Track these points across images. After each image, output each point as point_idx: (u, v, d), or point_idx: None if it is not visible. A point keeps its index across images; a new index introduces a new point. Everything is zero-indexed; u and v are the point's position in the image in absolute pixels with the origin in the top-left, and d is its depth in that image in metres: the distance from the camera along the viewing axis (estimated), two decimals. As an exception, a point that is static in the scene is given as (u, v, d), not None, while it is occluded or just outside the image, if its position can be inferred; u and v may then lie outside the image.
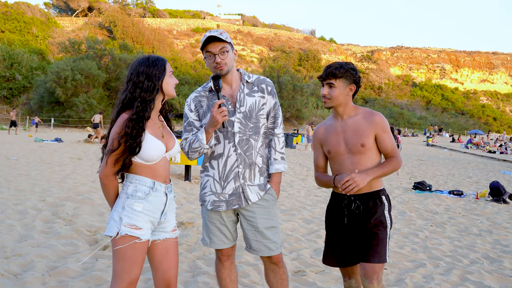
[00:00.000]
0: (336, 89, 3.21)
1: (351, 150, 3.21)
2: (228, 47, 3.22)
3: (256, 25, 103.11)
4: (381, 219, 3.17)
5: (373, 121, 3.20)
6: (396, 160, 3.20)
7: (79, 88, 43.78)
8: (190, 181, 11.18)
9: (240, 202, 3.26)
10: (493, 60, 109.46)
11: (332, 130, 3.32)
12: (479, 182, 14.98)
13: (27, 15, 67.57)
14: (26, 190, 8.78)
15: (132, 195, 2.75)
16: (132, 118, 2.71)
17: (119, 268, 2.71)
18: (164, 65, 2.84)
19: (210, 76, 3.33)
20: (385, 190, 3.30)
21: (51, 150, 18.75)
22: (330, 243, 3.37)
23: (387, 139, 3.22)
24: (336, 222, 3.31)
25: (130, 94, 2.77)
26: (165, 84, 2.84)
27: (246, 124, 3.26)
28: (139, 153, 2.73)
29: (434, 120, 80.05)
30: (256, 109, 3.30)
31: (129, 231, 2.69)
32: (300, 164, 18.36)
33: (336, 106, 3.27)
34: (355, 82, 3.24)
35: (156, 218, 2.82)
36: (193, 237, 6.00)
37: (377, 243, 3.13)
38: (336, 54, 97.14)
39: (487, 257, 6.04)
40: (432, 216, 8.65)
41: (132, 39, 69.36)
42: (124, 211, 2.73)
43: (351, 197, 3.22)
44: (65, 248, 5.28)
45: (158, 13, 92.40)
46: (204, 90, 3.36)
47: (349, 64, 3.26)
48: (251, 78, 3.37)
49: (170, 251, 2.92)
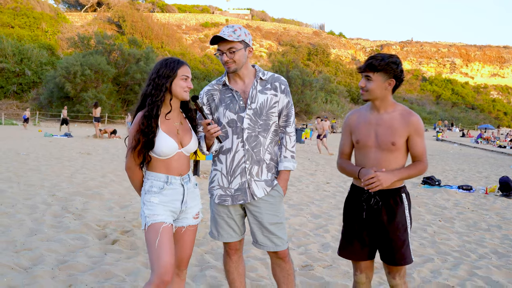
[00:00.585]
0: (373, 83, 3.11)
1: (380, 146, 3.15)
2: (238, 47, 3.22)
3: (265, 19, 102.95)
4: (402, 221, 3.14)
5: (410, 121, 3.12)
6: (423, 165, 3.15)
7: (89, 83, 43.99)
8: (199, 175, 11.21)
9: (245, 198, 3.28)
10: (504, 54, 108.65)
11: (365, 120, 3.24)
12: (489, 177, 14.90)
13: (36, 11, 67.83)
14: (36, 185, 8.85)
15: (149, 190, 3.00)
16: (145, 115, 2.93)
17: (156, 255, 2.86)
18: (177, 67, 3.00)
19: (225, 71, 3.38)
20: (405, 188, 3.25)
21: (60, 145, 18.85)
22: (347, 235, 3.34)
23: (419, 142, 3.14)
24: (354, 216, 3.28)
25: (146, 90, 3.02)
26: (174, 85, 3.00)
27: (255, 121, 3.27)
28: (153, 148, 2.95)
29: (444, 115, 79.73)
30: (267, 107, 3.30)
31: (153, 220, 2.92)
32: (309, 158, 18.35)
33: (373, 100, 3.18)
34: (395, 77, 3.12)
35: (177, 207, 3.04)
36: (201, 231, 6.03)
37: (401, 246, 3.13)
38: (346, 48, 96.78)
39: (496, 252, 6.02)
40: (441, 211, 8.62)
41: (141, 34, 69.53)
42: (145, 206, 2.99)
43: (371, 192, 3.17)
44: (75, 242, 5.33)
45: (167, 8, 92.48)
46: (218, 84, 3.39)
47: (392, 56, 3.13)
48: (266, 76, 3.37)
49: (187, 233, 3.13)
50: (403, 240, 3.13)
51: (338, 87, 72.31)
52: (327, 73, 76.76)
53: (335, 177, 12.87)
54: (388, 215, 3.14)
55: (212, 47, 78.49)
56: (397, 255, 3.12)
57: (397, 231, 3.12)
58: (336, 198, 9.43)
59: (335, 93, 70.09)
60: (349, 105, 68.61)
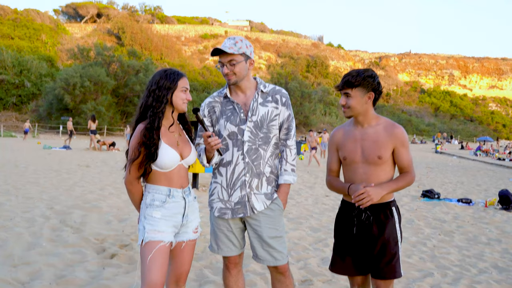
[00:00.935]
0: (353, 99, 3.14)
1: (367, 160, 3.16)
2: (239, 59, 3.22)
3: (264, 31, 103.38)
4: (393, 235, 3.14)
5: (393, 133, 3.14)
6: (411, 176, 3.16)
7: (88, 95, 44.06)
8: (197, 188, 11.18)
9: (245, 211, 3.26)
10: (502, 66, 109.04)
11: (351, 137, 3.26)
12: (488, 190, 14.88)
13: (36, 22, 68.15)
14: (35, 197, 8.82)
15: (150, 204, 2.95)
16: (147, 128, 2.90)
17: (146, 273, 2.84)
18: (177, 79, 3.00)
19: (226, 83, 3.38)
20: (395, 201, 3.26)
21: (59, 158, 18.84)
22: (339, 251, 3.33)
23: (404, 154, 3.16)
24: (345, 231, 3.28)
25: (145, 101, 2.98)
26: (175, 97, 2.99)
27: (256, 134, 3.27)
28: (156, 160, 2.91)
29: (443, 127, 79.81)
30: (268, 119, 3.30)
31: (152, 237, 2.87)
32: (308, 171, 18.33)
33: (356, 115, 3.21)
34: (373, 90, 3.15)
35: (178, 221, 3.01)
36: (200, 245, 6.00)
37: (392, 259, 3.12)
38: (344, 60, 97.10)
39: (496, 267, 6.00)
40: (440, 225, 8.60)
41: (140, 46, 69.76)
42: (146, 220, 2.93)
43: (362, 208, 3.16)
44: (73, 256, 5.29)
45: (167, 19, 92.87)
46: (219, 96, 3.39)
47: (367, 71, 3.17)
48: (267, 88, 3.37)
49: (186, 248, 3.10)
50: (394, 253, 3.13)
51: (337, 99, 72.36)
52: (326, 85, 76.93)
53: (334, 190, 12.83)
54: (378, 229, 3.14)
55: (211, 59, 78.75)
56: (387, 268, 3.11)
57: (387, 244, 3.12)
58: (335, 211, 9.39)
59: (334, 105, 70.21)
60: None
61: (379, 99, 3.24)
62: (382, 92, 3.24)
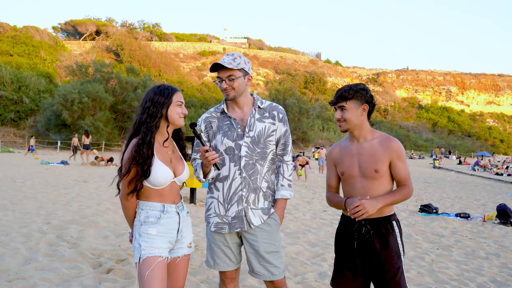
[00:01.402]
0: (348, 111, 3.18)
1: (364, 174, 3.17)
2: (237, 74, 3.25)
3: (262, 48, 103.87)
4: (396, 249, 3.12)
5: (389, 147, 3.15)
6: (408, 189, 3.15)
7: (86, 111, 44.09)
8: (195, 203, 11.16)
9: (242, 226, 3.26)
10: (499, 82, 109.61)
11: (347, 152, 3.28)
12: (486, 205, 14.86)
13: (35, 39, 68.44)
14: (32, 212, 8.79)
15: (145, 221, 2.91)
16: (139, 143, 2.86)
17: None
18: (171, 94, 2.98)
19: (224, 98, 3.42)
20: (395, 215, 3.25)
21: (57, 173, 18.81)
22: (340, 266, 3.31)
23: (401, 167, 3.16)
24: (346, 246, 3.26)
25: (139, 118, 2.95)
26: (170, 111, 2.97)
27: (253, 149, 3.28)
28: (149, 177, 2.88)
29: (441, 142, 79.95)
30: (265, 135, 3.32)
31: (149, 253, 2.84)
32: (306, 186, 18.31)
33: (352, 129, 3.23)
34: (367, 102, 3.19)
35: (173, 237, 2.98)
36: (197, 260, 5.97)
37: (396, 273, 3.09)
38: (342, 76, 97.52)
39: (494, 281, 5.97)
40: (438, 239, 8.57)
41: (139, 62, 70.01)
42: (141, 238, 2.89)
43: (362, 221, 3.17)
44: (69, 271, 5.26)
45: (165, 36, 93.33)
46: (216, 112, 3.41)
47: (359, 84, 3.23)
48: (264, 104, 3.40)
49: (181, 264, 3.07)
50: (398, 268, 3.10)
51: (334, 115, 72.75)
52: (323, 101, 77.17)
53: (332, 205, 12.81)
54: (381, 243, 3.12)
55: (210, 75, 79.03)
56: (392, 283, 3.08)
57: (391, 258, 3.10)
58: (333, 226, 9.37)
59: (332, 121, 70.33)
60: (345, 133, 68.87)
61: (373, 111, 3.28)
62: (376, 105, 3.27)
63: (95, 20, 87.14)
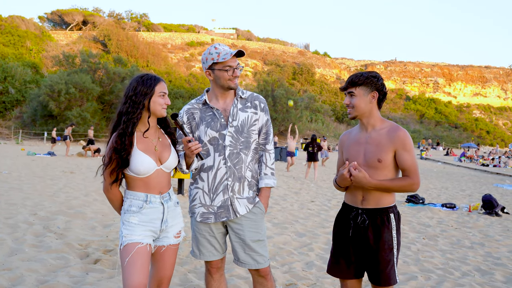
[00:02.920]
0: (357, 97, 3.16)
1: (368, 163, 3.14)
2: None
3: (251, 39, 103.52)
4: (388, 242, 3.10)
5: (395, 136, 3.10)
6: (410, 180, 3.08)
7: (73, 102, 43.74)
8: (183, 194, 11.15)
9: (228, 215, 3.28)
10: (486, 74, 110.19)
11: (355, 140, 3.26)
12: (472, 195, 15.02)
13: (21, 29, 67.59)
14: (18, 204, 8.74)
15: (128, 210, 2.94)
16: (120, 133, 2.88)
17: (126, 276, 2.82)
18: (154, 84, 2.97)
19: (204, 90, 3.45)
20: (395, 207, 3.21)
21: (43, 164, 18.69)
22: (335, 253, 3.32)
23: (406, 157, 3.09)
24: (342, 233, 3.28)
25: (122, 108, 2.96)
26: (152, 103, 2.97)
27: (237, 138, 3.30)
28: (129, 166, 2.89)
29: (428, 134, 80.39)
30: (248, 124, 3.35)
31: (129, 240, 2.86)
32: (294, 177, 18.36)
33: (360, 116, 3.20)
34: (377, 90, 3.16)
35: (157, 227, 2.99)
36: (184, 250, 5.98)
37: (386, 266, 3.10)
38: (330, 68, 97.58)
39: (479, 270, 6.05)
40: (424, 229, 8.65)
41: (126, 53, 69.44)
42: (123, 226, 2.92)
43: (359, 210, 3.17)
44: (56, 262, 5.25)
45: (153, 27, 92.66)
46: (198, 103, 3.42)
47: (371, 72, 3.19)
48: (245, 94, 3.43)
49: (167, 253, 3.08)
50: (388, 261, 3.10)
51: (323, 106, 72.65)
52: (312, 92, 77.07)
53: (319, 196, 12.88)
54: (374, 234, 3.12)
55: (198, 66, 78.67)
56: (382, 275, 3.10)
57: (382, 251, 3.10)
58: (321, 216, 9.42)
59: (320, 112, 70.41)
60: (333, 124, 68.95)
61: (383, 100, 3.24)
62: (386, 94, 3.24)
63: (82, 10, 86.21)
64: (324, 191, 13.96)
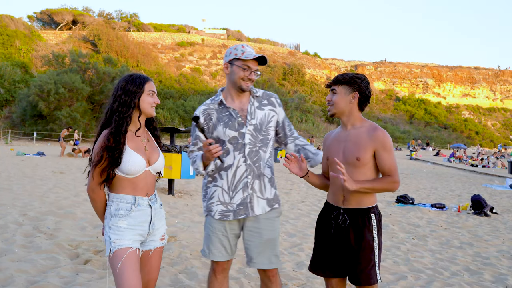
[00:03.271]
0: (338, 95, 3.22)
1: (346, 160, 3.17)
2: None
3: (241, 39, 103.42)
4: (369, 242, 3.12)
5: (374, 136, 3.13)
6: (390, 180, 3.11)
7: (63, 102, 43.49)
8: (173, 195, 11.13)
9: (247, 212, 3.32)
10: (475, 75, 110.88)
11: (336, 138, 3.32)
12: (461, 196, 15.12)
13: (10, 28, 67.10)
14: (7, 204, 8.68)
15: (115, 214, 2.87)
16: (112, 132, 2.83)
17: (121, 282, 2.76)
18: (143, 83, 2.95)
19: (219, 89, 3.52)
20: (376, 208, 3.24)
21: (33, 164, 18.58)
22: (317, 252, 3.36)
23: (385, 157, 3.12)
24: (323, 232, 3.30)
25: (111, 107, 2.92)
26: (142, 101, 2.95)
27: (256, 136, 3.35)
28: (120, 165, 2.84)
29: (418, 134, 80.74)
30: (266, 122, 3.40)
31: (119, 245, 2.80)
32: (285, 178, 18.38)
33: (340, 115, 3.26)
34: (359, 91, 3.19)
35: (145, 230, 2.94)
36: (175, 251, 5.98)
37: (366, 266, 3.11)
38: (320, 68, 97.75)
39: (468, 270, 6.10)
40: (414, 229, 8.71)
41: (116, 53, 69.17)
42: (111, 230, 2.85)
43: (340, 210, 3.20)
44: (46, 262, 5.23)
45: (143, 27, 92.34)
46: (213, 103, 3.44)
47: (358, 74, 3.25)
48: (258, 92, 3.48)
49: (154, 256, 3.06)
50: (369, 261, 3.12)
51: (313, 107, 72.70)
52: (302, 92, 77.14)
53: (310, 196, 12.91)
54: (355, 234, 3.14)
55: (188, 66, 78.47)
56: (362, 275, 3.11)
57: (362, 251, 3.12)
58: (311, 216, 9.45)
59: (310, 113, 70.47)
60: (324, 125, 69.01)
61: (366, 103, 3.26)
62: (370, 97, 3.27)
63: (72, 9, 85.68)
64: (315, 192, 13.99)
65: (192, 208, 9.72)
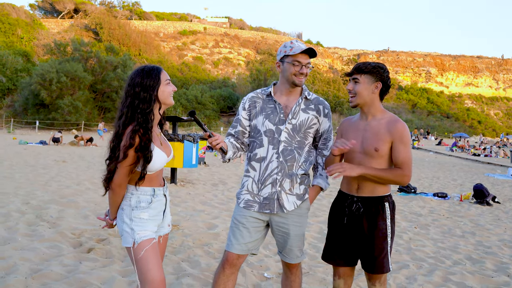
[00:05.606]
0: (361, 85, 3.17)
1: (364, 151, 3.17)
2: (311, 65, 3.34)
3: (243, 28, 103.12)
4: (382, 230, 3.14)
5: (394, 127, 3.13)
6: (401, 173, 3.09)
7: (65, 91, 43.54)
8: (176, 183, 11.15)
9: (272, 208, 3.28)
10: (478, 64, 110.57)
11: (355, 127, 3.30)
12: (464, 185, 15.11)
13: (12, 17, 67.01)
14: (10, 193, 8.71)
15: (137, 206, 2.86)
16: (135, 130, 2.74)
17: (146, 272, 2.78)
18: (159, 74, 2.89)
19: (272, 82, 3.52)
20: (390, 197, 3.24)
21: (35, 153, 18.61)
22: (330, 240, 3.37)
23: (401, 150, 3.11)
24: (337, 220, 3.31)
25: (131, 106, 2.81)
26: (161, 92, 2.88)
27: (293, 136, 3.31)
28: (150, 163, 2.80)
29: (420, 123, 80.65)
30: (306, 125, 3.35)
31: (144, 237, 2.82)
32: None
33: (362, 105, 3.23)
34: (382, 81, 3.18)
35: (160, 219, 2.97)
36: (178, 239, 5.99)
37: (379, 254, 3.13)
38: (323, 57, 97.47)
39: (470, 258, 6.10)
40: (416, 218, 8.71)
41: (118, 41, 69.11)
42: (133, 222, 2.84)
43: (354, 198, 3.21)
44: (49, 251, 5.25)
45: (145, 15, 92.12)
46: (263, 94, 3.45)
47: (379, 63, 3.22)
48: (311, 96, 3.44)
49: (163, 242, 3.10)
50: (382, 249, 3.14)
51: (315, 96, 72.66)
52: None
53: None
54: (368, 222, 3.15)
55: (190, 55, 78.31)
56: (376, 263, 3.14)
57: (376, 239, 3.13)
58: (313, 205, 9.45)
59: (312, 102, 70.40)
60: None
61: (386, 93, 3.26)
62: (390, 87, 3.26)
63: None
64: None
65: (194, 196, 9.73)
